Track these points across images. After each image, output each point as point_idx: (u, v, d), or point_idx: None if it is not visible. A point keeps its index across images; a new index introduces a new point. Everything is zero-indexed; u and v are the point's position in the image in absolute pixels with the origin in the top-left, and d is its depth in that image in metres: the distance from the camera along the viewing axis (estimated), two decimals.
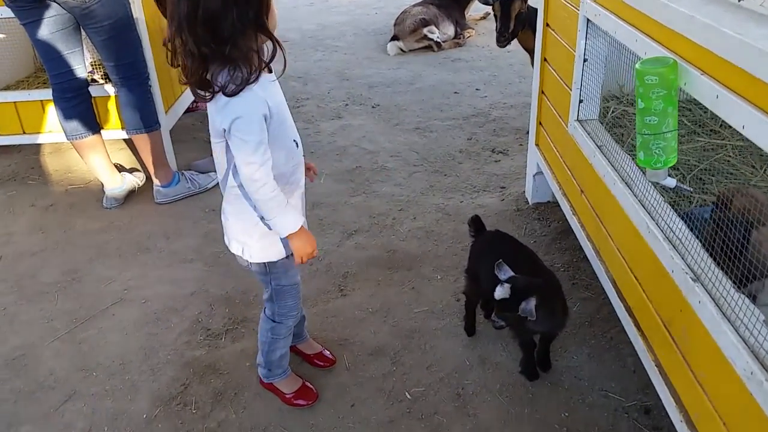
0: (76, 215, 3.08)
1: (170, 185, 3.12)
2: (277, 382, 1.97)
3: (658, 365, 1.63)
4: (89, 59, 3.15)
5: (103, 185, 3.11)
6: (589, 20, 2.03)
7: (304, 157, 1.71)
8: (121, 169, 3.26)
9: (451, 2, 5.63)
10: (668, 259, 1.51)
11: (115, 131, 3.26)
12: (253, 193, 1.53)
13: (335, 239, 2.78)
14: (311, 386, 2.00)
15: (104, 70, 3.03)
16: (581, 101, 2.17)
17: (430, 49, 5.35)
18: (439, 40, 5.31)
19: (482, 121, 3.93)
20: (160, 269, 2.66)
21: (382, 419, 1.92)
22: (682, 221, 1.56)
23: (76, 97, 2.89)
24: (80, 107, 2.92)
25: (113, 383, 2.10)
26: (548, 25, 2.56)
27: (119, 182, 3.11)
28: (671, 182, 1.65)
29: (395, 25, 5.47)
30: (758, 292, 1.38)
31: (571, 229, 2.41)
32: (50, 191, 3.30)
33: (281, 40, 1.49)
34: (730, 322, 1.26)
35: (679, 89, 1.44)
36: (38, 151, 3.70)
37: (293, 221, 1.60)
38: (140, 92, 2.95)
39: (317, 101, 4.37)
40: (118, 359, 2.19)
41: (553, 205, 2.89)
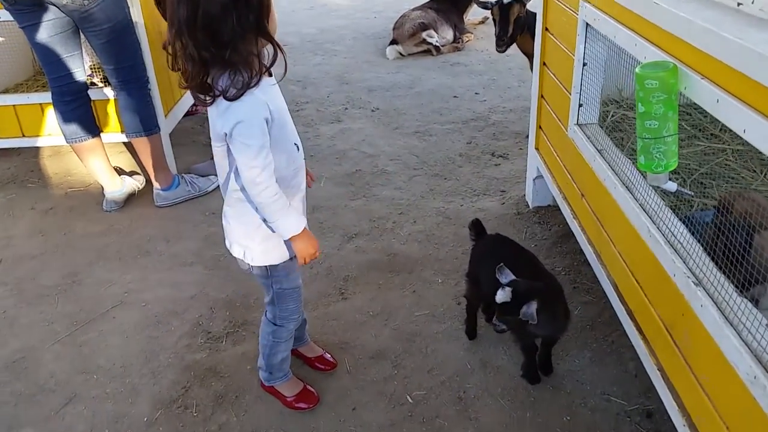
0: (76, 218, 3.08)
1: (170, 188, 3.12)
2: (278, 385, 1.97)
3: (660, 369, 1.63)
4: (88, 62, 3.15)
5: (102, 188, 3.11)
6: (588, 24, 2.04)
7: (306, 161, 1.71)
8: (120, 172, 3.26)
9: (449, 6, 5.64)
10: (670, 262, 1.51)
11: (114, 134, 3.27)
12: (255, 196, 1.54)
13: (335, 243, 2.78)
14: (312, 389, 2.00)
15: (103, 73, 3.03)
16: (581, 105, 2.17)
17: (429, 53, 5.36)
18: (438, 44, 5.32)
19: (482, 125, 3.93)
20: (160, 272, 2.65)
21: (383, 423, 1.92)
22: (683, 225, 1.56)
23: (75, 100, 2.89)
24: (79, 110, 2.92)
25: (114, 386, 2.09)
26: (547, 29, 2.57)
27: (119, 185, 3.11)
28: (672, 186, 1.65)
29: (394, 29, 5.48)
30: (760, 296, 1.38)
31: (571, 232, 2.41)
32: (50, 194, 3.30)
33: (281, 43, 1.49)
34: (732, 326, 1.26)
35: (679, 93, 1.45)
36: (38, 154, 3.70)
37: (296, 223, 1.61)
38: (140, 95, 2.95)
39: (317, 105, 4.37)
40: (118, 362, 2.19)
41: (553, 208, 2.89)
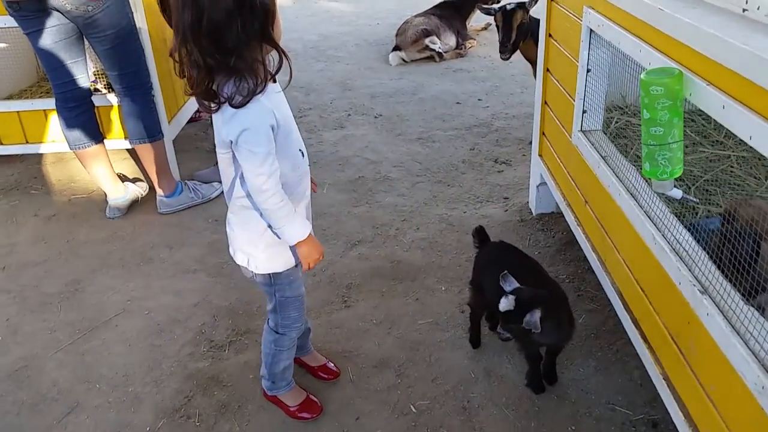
0: (79, 225, 3.08)
1: (173, 195, 3.12)
2: (281, 394, 1.96)
3: (665, 378, 1.62)
4: (92, 69, 3.15)
5: (106, 195, 3.11)
6: (592, 31, 2.03)
7: (310, 168, 1.71)
8: (124, 178, 3.26)
9: (452, 13, 5.65)
10: (675, 270, 1.50)
11: (118, 141, 3.27)
12: (261, 203, 1.53)
13: (338, 250, 2.77)
14: (315, 399, 1.99)
15: (107, 79, 3.04)
16: (585, 112, 2.17)
17: (431, 59, 5.36)
18: (440, 50, 5.33)
19: (485, 131, 3.93)
20: (163, 280, 2.65)
21: None
22: (688, 232, 1.55)
23: (79, 106, 2.90)
24: (83, 117, 2.92)
25: (116, 395, 2.09)
26: (551, 35, 2.56)
27: (122, 192, 3.11)
28: (677, 193, 1.64)
29: (397, 35, 5.49)
30: (767, 304, 1.37)
31: (575, 239, 2.40)
32: (53, 201, 3.30)
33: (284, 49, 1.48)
34: (739, 335, 1.25)
35: (684, 100, 1.44)
36: (41, 160, 3.70)
37: (302, 229, 1.60)
38: (143, 102, 2.95)
39: (319, 111, 4.37)
40: (121, 371, 2.18)
41: (556, 215, 2.88)
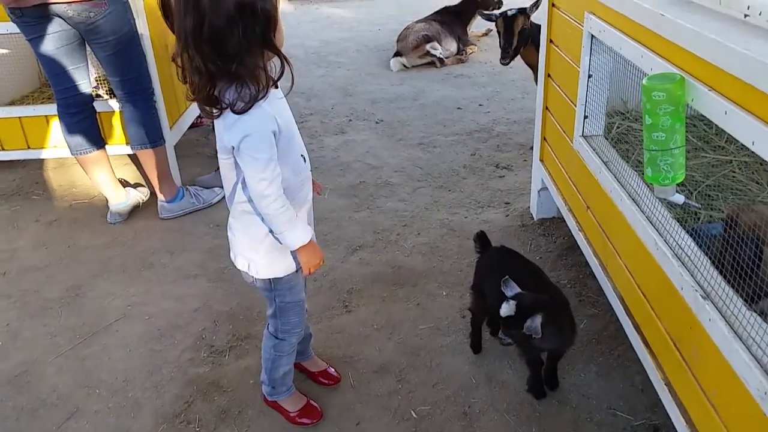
0: (80, 230, 3.08)
1: (174, 200, 3.12)
2: (281, 400, 1.95)
3: (667, 383, 1.61)
4: (94, 74, 3.16)
5: (107, 200, 3.11)
6: (593, 36, 2.03)
7: (312, 173, 1.71)
8: (125, 184, 3.26)
9: (453, 18, 5.67)
10: (677, 275, 1.50)
11: (119, 146, 3.27)
12: (263, 208, 1.53)
13: (339, 255, 2.77)
14: (316, 404, 1.98)
15: (109, 85, 3.04)
16: (586, 117, 2.17)
17: (432, 65, 5.37)
18: (441, 56, 5.34)
19: (486, 136, 3.93)
20: (164, 285, 2.65)
21: None
22: (690, 238, 1.55)
23: (80, 112, 2.90)
24: (85, 122, 2.92)
25: (116, 400, 2.08)
26: (552, 41, 2.57)
27: (123, 197, 3.11)
28: (679, 198, 1.64)
29: (398, 41, 5.50)
30: None
31: (576, 244, 2.39)
32: (54, 206, 3.30)
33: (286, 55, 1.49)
34: (742, 340, 1.25)
35: (686, 105, 1.44)
36: (42, 166, 3.71)
37: (303, 234, 1.60)
38: (145, 107, 2.95)
39: (321, 117, 4.38)
40: (121, 376, 2.18)
41: (558, 220, 2.87)
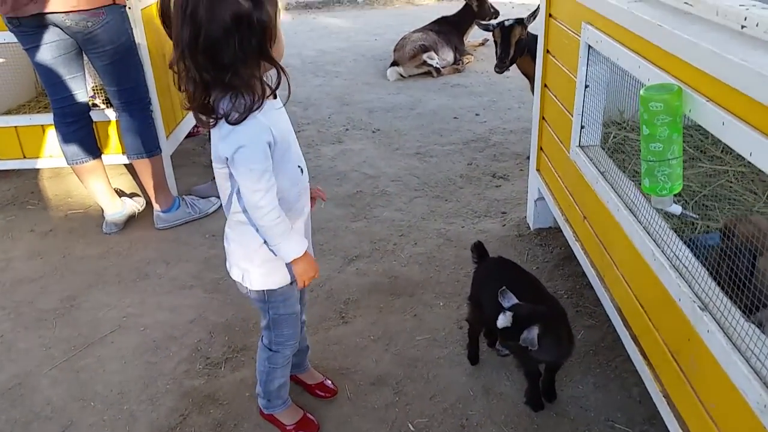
0: (75, 241, 3.06)
1: (170, 210, 3.11)
2: (277, 413, 1.93)
3: (665, 395, 1.60)
4: (91, 84, 3.16)
5: (103, 210, 3.10)
6: (590, 47, 2.04)
7: (309, 183, 1.70)
8: (121, 194, 3.25)
9: (450, 28, 5.68)
10: (675, 286, 1.49)
11: (115, 156, 3.26)
12: (258, 219, 1.52)
13: (336, 265, 2.76)
14: (312, 417, 1.96)
15: (106, 94, 3.04)
16: (583, 127, 2.17)
17: (429, 74, 5.38)
18: (438, 65, 5.35)
19: (482, 146, 3.93)
20: (159, 296, 2.63)
21: None
22: (688, 248, 1.54)
23: (77, 121, 2.89)
24: (81, 132, 2.92)
25: (111, 413, 2.06)
26: (549, 51, 2.57)
27: (119, 207, 3.10)
28: (677, 209, 1.64)
29: (395, 51, 5.51)
30: (766, 320, 1.36)
31: (573, 255, 2.39)
32: (50, 216, 3.29)
33: (284, 66, 1.48)
34: (740, 352, 1.24)
35: (683, 116, 1.44)
36: (38, 175, 3.69)
37: (298, 246, 1.59)
38: (141, 117, 2.95)
39: (318, 126, 4.38)
40: (116, 389, 2.16)
41: (555, 230, 2.87)
